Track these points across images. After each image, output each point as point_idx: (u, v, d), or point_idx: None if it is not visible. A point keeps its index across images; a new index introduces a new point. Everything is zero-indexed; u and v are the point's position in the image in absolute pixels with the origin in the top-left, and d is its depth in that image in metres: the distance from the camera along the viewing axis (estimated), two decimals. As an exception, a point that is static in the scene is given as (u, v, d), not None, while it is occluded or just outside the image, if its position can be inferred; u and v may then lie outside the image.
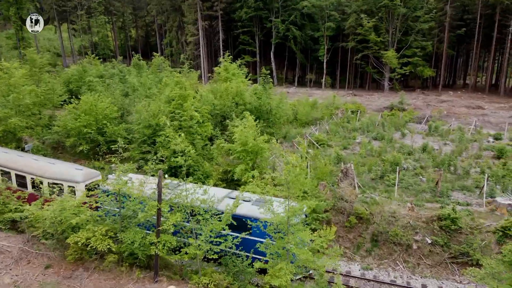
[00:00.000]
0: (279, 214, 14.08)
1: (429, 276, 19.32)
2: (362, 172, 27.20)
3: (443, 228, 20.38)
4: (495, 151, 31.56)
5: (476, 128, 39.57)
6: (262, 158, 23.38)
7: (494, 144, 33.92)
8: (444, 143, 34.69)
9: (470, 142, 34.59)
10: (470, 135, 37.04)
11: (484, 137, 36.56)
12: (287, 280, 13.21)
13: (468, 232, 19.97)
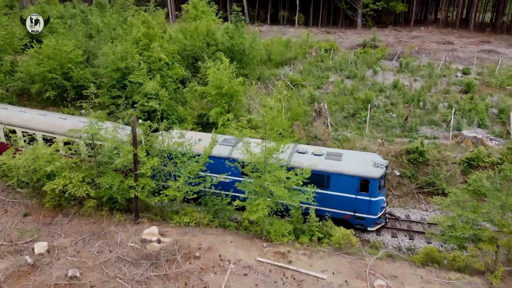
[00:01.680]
0: (256, 154, 14.37)
1: (397, 205, 20.60)
2: (335, 110, 27.63)
3: (411, 161, 21.44)
4: (463, 85, 32.49)
5: (446, 64, 40.24)
6: (237, 101, 23.23)
7: (462, 79, 34.81)
8: (414, 79, 35.30)
9: (439, 78, 35.35)
10: (439, 71, 37.73)
11: (453, 72, 37.36)
12: (264, 213, 13.84)
13: (434, 164, 21.10)
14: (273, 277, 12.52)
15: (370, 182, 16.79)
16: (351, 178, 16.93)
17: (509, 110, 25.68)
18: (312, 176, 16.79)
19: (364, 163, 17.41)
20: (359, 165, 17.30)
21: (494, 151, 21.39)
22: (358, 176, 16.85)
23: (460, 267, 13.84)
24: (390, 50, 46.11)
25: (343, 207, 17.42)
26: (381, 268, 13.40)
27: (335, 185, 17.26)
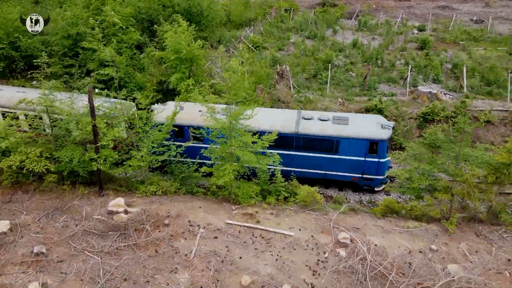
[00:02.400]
0: (221, 120, 14.28)
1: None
2: (297, 72, 27.70)
3: (371, 118, 22.11)
4: (419, 42, 33.30)
5: (402, 21, 40.87)
6: (198, 66, 22.67)
7: (418, 36, 35.63)
8: (372, 38, 35.75)
9: (396, 35, 35.97)
10: (396, 28, 38.33)
11: (409, 29, 38.09)
12: (231, 178, 14.00)
13: (392, 120, 21.87)
14: (243, 237, 12.87)
15: (379, 144, 17.25)
16: (360, 141, 17.30)
17: (462, 65, 26.71)
18: (319, 141, 17.36)
19: (372, 126, 17.78)
20: (367, 128, 17.64)
21: (448, 105, 22.40)
22: (367, 139, 17.21)
23: (418, 216, 14.76)
24: (349, 9, 46.13)
25: (351, 170, 17.82)
26: (345, 222, 14.06)
27: (344, 149, 17.58)
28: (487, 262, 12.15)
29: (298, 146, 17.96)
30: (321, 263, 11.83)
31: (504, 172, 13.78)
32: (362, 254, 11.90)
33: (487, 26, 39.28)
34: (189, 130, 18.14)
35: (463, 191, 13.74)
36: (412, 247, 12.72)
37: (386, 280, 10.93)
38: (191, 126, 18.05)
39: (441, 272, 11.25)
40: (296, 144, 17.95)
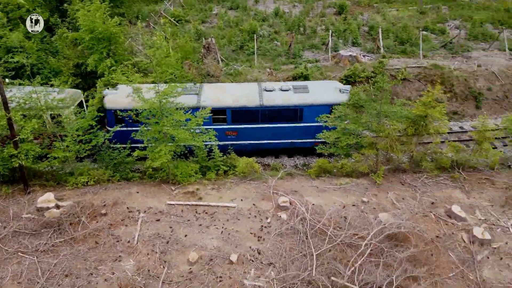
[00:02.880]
0: (150, 100, 13.76)
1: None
2: (223, 45, 27.39)
3: (299, 85, 22.72)
4: (337, 7, 34.42)
5: (320, -13, 41.75)
6: (117, 44, 21.40)
7: (335, 1, 36.75)
8: (293, 5, 36.23)
9: (316, 2, 36.80)
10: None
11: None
12: (168, 158, 13.74)
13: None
14: (186, 216, 12.86)
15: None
16: (323, 107, 17.67)
17: (378, 27, 28.18)
18: (285, 111, 17.92)
19: (330, 91, 18.38)
20: (327, 93, 18.17)
21: (367, 66, 23.70)
22: (329, 104, 17.57)
23: (348, 173, 15.76)
24: (268, -23, 45.98)
25: (315, 136, 17.84)
26: (283, 187, 14.61)
27: (308, 116, 18.06)
28: (413, 207, 13.44)
29: (263, 118, 18.21)
30: (264, 229, 12.26)
31: (421, 124, 15.09)
32: (301, 215, 12.52)
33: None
34: (113, 114, 17.19)
35: (387, 145, 14.86)
36: (346, 202, 13.63)
37: (325, 235, 11.65)
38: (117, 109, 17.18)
39: (373, 221, 12.22)
40: (262, 116, 18.16)
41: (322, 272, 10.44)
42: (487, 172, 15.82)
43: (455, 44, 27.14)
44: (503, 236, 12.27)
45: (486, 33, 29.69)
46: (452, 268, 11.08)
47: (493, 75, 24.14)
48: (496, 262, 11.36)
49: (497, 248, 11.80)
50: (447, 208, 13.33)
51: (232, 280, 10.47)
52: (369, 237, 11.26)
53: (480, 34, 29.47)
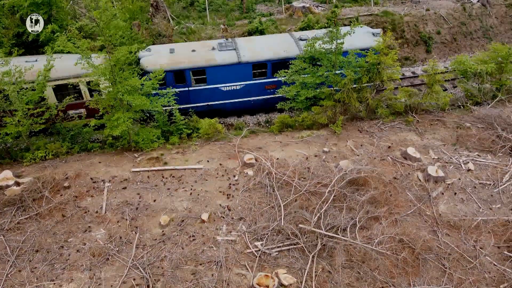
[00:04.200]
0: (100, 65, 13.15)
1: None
2: (172, 2, 26.17)
3: (254, 41, 22.43)
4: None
5: None
6: (58, 9, 19.91)
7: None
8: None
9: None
10: None
11: None
12: (128, 125, 13.44)
13: (274, 40, 22.49)
14: (153, 182, 12.85)
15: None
16: (364, 51, 16.67)
17: (328, -24, 27.84)
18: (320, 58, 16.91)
19: (366, 36, 18.53)
20: (362, 38, 18.19)
21: (321, 16, 23.65)
22: (366, 48, 16.76)
23: (309, 125, 16.16)
24: None
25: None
26: (247, 144, 14.82)
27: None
28: (372, 153, 14.12)
29: None
30: (232, 186, 12.54)
31: (375, 71, 15.53)
32: (267, 169, 12.87)
33: None
34: None
35: (343, 95, 15.27)
36: (308, 153, 14.09)
37: (291, 187, 12.11)
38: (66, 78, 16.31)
39: (335, 169, 12.80)
40: None
41: (290, 221, 10.96)
42: (438, 114, 16.73)
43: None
44: (456, 173, 13.24)
45: (434, -23, 30.17)
46: (410, 206, 11.94)
47: (441, 18, 24.88)
48: (451, 197, 12.34)
49: (451, 184, 12.76)
50: (403, 151, 14.12)
51: (205, 238, 10.79)
52: (332, 184, 11.83)
53: (428, -22, 29.90)
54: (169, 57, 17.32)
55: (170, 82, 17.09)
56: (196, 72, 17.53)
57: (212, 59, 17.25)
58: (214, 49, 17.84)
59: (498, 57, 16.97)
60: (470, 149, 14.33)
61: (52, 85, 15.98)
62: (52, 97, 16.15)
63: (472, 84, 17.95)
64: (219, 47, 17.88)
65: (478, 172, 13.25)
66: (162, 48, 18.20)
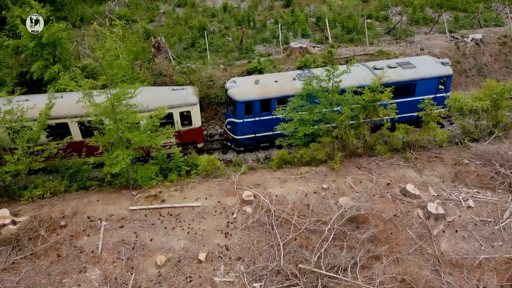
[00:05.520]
0: (101, 104, 13.37)
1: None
2: (173, 43, 26.99)
3: (253, 80, 22.93)
4: (284, 0, 34.83)
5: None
6: (63, 49, 20.52)
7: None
8: (241, 0, 36.25)
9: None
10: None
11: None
12: (127, 163, 13.47)
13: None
14: (150, 220, 12.72)
15: (447, 79, 19.10)
16: (433, 80, 18.75)
17: (324, 17, 28.86)
18: (400, 87, 18.45)
19: (435, 64, 19.47)
20: (432, 67, 19.18)
21: (318, 56, 24.28)
22: (438, 77, 18.70)
23: (308, 162, 16.20)
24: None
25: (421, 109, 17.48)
26: (246, 181, 14.79)
27: (420, 90, 18.80)
28: (371, 189, 14.06)
29: None
30: (231, 224, 12.39)
31: (371, 109, 15.76)
32: (266, 207, 12.77)
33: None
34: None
35: (341, 132, 15.42)
36: (307, 190, 14.04)
37: (290, 225, 11.97)
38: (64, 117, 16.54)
39: (334, 206, 12.71)
40: None
41: (290, 260, 10.75)
42: (436, 150, 16.81)
43: (398, 30, 28.38)
44: (456, 210, 13.13)
45: (427, 17, 31.24)
46: (411, 244, 11.76)
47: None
48: (452, 235, 12.17)
49: (451, 221, 12.62)
50: (402, 188, 14.08)
51: (202, 279, 10.55)
52: (332, 221, 11.70)
53: (421, 18, 30.97)
54: (256, 88, 18.19)
55: (257, 111, 17.94)
56: (280, 101, 18.19)
57: (296, 88, 17.60)
58: (295, 79, 18.75)
59: (493, 94, 17.26)
60: (469, 186, 14.29)
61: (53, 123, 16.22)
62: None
63: (469, 121, 18.15)
64: (299, 77, 18.80)
65: (478, 209, 13.14)
66: (247, 80, 19.27)
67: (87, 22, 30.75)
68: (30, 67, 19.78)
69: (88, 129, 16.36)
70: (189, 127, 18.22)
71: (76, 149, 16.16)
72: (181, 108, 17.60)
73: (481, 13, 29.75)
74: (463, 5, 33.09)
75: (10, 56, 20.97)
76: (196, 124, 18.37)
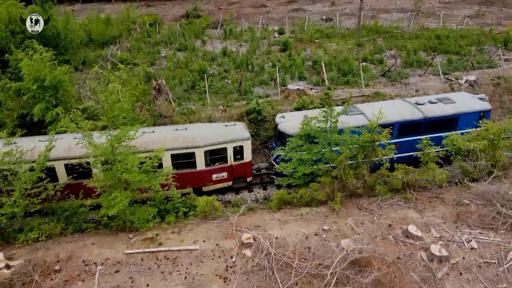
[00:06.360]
0: (101, 145, 13.41)
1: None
2: (174, 85, 27.56)
3: (251, 120, 23.21)
4: (281, 44, 36.00)
5: (263, 26, 43.67)
6: (64, 92, 20.89)
7: (279, 39, 38.48)
8: (239, 45, 37.45)
9: (260, 40, 38.32)
10: (259, 34, 40.80)
11: (271, 33, 40.92)
12: (124, 205, 13.30)
13: (271, 119, 23.29)
14: (147, 264, 12.37)
15: (487, 113, 20.19)
16: (474, 114, 19.84)
17: (320, 61, 29.70)
18: (444, 120, 19.64)
19: (473, 100, 20.68)
20: (472, 102, 20.42)
21: (315, 98, 24.73)
22: (479, 111, 19.92)
23: (308, 202, 16.03)
24: (213, 19, 47.56)
25: None
26: (245, 222, 14.55)
27: (461, 123, 19.79)
28: (372, 231, 13.83)
29: (426, 129, 19.65)
30: (230, 269, 12.05)
31: (369, 149, 15.83)
32: (266, 250, 12.48)
33: (336, 23, 44.39)
34: None
35: (340, 172, 15.38)
36: (308, 231, 13.79)
37: (291, 268, 11.65)
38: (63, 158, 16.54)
39: (336, 249, 12.43)
40: (424, 127, 19.64)
41: (291, 306, 10.36)
42: (436, 191, 16.71)
43: (393, 72, 29.12)
44: (460, 251, 12.86)
45: (420, 60, 32.17)
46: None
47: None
48: (457, 277, 11.85)
49: (455, 263, 12.32)
50: (404, 229, 13.86)
51: (200, 327, 10.10)
52: (334, 265, 11.40)
53: (415, 61, 31.89)
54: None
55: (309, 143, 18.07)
56: None
57: (343, 122, 17.87)
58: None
59: (490, 135, 17.43)
60: (471, 227, 14.09)
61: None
62: None
63: (467, 161, 18.21)
64: (347, 112, 19.03)
65: (481, 250, 12.87)
66: (296, 115, 20.02)
67: (89, 65, 31.54)
68: (31, 109, 20.02)
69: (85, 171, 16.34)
70: (241, 161, 18.82)
71: (74, 191, 16.04)
72: (234, 143, 18.29)
73: (473, 55, 30.69)
74: (455, 48, 34.18)
75: (11, 98, 21.27)
76: (247, 158, 18.99)
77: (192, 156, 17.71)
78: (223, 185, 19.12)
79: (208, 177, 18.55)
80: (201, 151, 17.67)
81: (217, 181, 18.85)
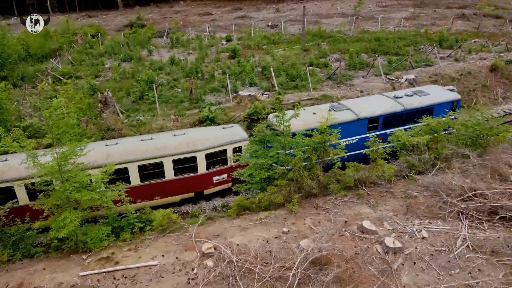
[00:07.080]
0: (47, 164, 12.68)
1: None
2: (121, 97, 26.76)
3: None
4: (229, 51, 36.17)
5: (210, 34, 43.65)
6: (2, 110, 19.59)
7: (227, 46, 38.64)
8: (187, 53, 37.17)
9: (209, 48, 38.26)
10: (207, 41, 40.74)
11: (219, 41, 41.01)
12: (75, 225, 12.65)
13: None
14: (104, 285, 11.82)
15: (458, 102, 22.15)
16: (447, 104, 21.77)
17: (269, 66, 30.18)
18: (421, 111, 20.82)
19: (444, 91, 22.57)
20: (444, 94, 22.31)
21: (266, 103, 25.06)
22: (451, 101, 21.88)
23: (266, 206, 16.13)
24: (158, 28, 46.84)
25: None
26: (205, 232, 14.36)
27: (437, 113, 21.16)
28: (329, 229, 14.16)
29: (406, 120, 21.25)
30: (191, 281, 11.82)
31: (321, 150, 16.27)
32: (228, 258, 12.37)
33: (281, 29, 45.35)
34: None
35: (295, 174, 15.66)
36: (268, 235, 13.87)
37: (254, 274, 11.64)
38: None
39: (296, 250, 12.59)
40: (405, 119, 21.27)
41: (256, 312, 10.34)
42: (386, 185, 17.48)
43: (338, 75, 30.22)
44: (412, 242, 13.49)
45: (363, 62, 33.67)
46: (374, 280, 11.80)
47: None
48: (411, 267, 12.40)
49: (409, 254, 12.91)
50: (359, 224, 14.33)
51: None
52: (295, 266, 11.54)
53: (358, 63, 33.32)
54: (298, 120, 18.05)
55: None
56: None
57: (332, 118, 17.98)
58: (330, 110, 20.44)
59: (430, 129, 18.55)
60: (421, 217, 14.85)
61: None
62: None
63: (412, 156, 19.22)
64: (333, 108, 20.91)
65: (432, 239, 13.60)
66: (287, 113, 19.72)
67: (28, 80, 29.83)
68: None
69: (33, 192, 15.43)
70: (240, 163, 18.68)
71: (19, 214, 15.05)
72: (234, 144, 18.53)
73: (411, 55, 32.58)
74: (394, 49, 36.16)
75: None
76: None
77: (194, 160, 17.87)
78: (224, 187, 19.41)
79: (209, 180, 18.75)
80: (202, 154, 17.91)
81: (218, 183, 19.26)
